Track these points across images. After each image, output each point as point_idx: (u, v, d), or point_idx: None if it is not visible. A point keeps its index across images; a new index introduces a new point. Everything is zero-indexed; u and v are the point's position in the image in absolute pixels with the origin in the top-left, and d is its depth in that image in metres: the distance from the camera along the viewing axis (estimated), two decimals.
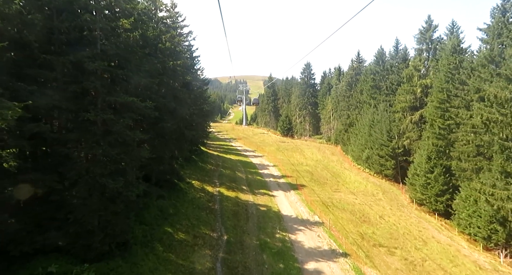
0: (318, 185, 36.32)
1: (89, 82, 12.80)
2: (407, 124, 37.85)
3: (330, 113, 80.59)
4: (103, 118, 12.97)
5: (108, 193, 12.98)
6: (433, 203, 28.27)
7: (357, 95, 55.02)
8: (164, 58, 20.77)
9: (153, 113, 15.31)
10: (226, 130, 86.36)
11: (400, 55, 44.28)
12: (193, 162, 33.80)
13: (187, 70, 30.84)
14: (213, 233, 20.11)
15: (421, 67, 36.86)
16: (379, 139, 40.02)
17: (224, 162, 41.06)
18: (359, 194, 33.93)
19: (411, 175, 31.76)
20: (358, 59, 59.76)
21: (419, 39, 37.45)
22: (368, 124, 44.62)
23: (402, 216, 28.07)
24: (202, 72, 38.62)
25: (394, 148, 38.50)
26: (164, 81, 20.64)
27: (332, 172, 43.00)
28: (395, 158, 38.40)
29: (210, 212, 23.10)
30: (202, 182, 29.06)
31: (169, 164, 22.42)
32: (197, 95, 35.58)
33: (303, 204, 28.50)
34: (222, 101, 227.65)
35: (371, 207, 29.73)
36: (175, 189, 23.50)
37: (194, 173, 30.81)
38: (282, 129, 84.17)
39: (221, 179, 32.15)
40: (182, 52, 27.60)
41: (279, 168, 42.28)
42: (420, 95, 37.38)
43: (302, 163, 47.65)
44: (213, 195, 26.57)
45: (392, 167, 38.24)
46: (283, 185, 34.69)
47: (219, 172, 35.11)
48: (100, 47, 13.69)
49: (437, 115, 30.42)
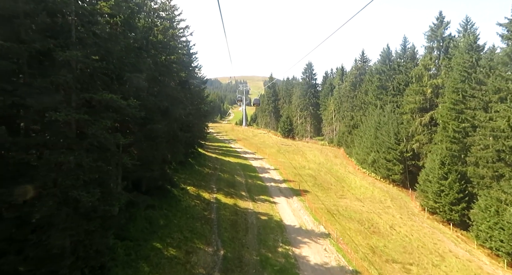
0: (322, 191, 34.22)
1: (59, 76, 10.72)
2: (416, 126, 35.78)
3: (332, 115, 78.55)
4: (76, 119, 10.90)
5: (82, 208, 10.89)
6: (447, 212, 26.17)
7: (362, 95, 52.97)
8: (155, 52, 18.68)
9: (139, 113, 13.19)
10: (226, 131, 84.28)
11: (408, 54, 42.24)
12: (189, 166, 31.69)
13: (183, 68, 28.83)
14: (208, 247, 17.98)
15: (431, 66, 34.80)
16: (386, 142, 37.95)
17: (223, 165, 38.95)
18: (366, 201, 31.83)
19: (422, 181, 29.67)
20: (362, 58, 57.72)
21: (430, 36, 35.39)
22: (374, 126, 42.57)
23: (414, 226, 25.97)
24: (200, 70, 36.56)
25: (402, 151, 36.43)
26: (155, 77, 18.56)
27: (336, 176, 40.91)
28: (404, 162, 36.32)
29: (206, 222, 20.98)
30: (198, 187, 26.95)
31: (160, 169, 20.32)
32: (194, 94, 33.53)
33: (307, 212, 26.39)
34: (222, 102, 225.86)
35: (380, 216, 27.63)
36: (168, 197, 21.39)
37: (190, 177, 28.69)
38: (283, 131, 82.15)
39: (218, 184, 30.03)
40: (177, 48, 25.54)
41: (281, 172, 40.18)
42: (430, 96, 35.33)
43: (304, 166, 45.56)
44: (210, 203, 24.45)
45: (400, 172, 36.16)
46: (285, 190, 32.58)
47: (217, 176, 32.99)
48: (76, 35, 11.62)
49: (450, 117, 28.35)
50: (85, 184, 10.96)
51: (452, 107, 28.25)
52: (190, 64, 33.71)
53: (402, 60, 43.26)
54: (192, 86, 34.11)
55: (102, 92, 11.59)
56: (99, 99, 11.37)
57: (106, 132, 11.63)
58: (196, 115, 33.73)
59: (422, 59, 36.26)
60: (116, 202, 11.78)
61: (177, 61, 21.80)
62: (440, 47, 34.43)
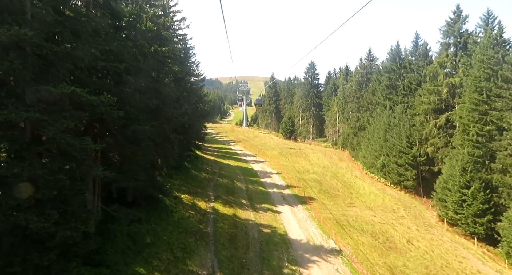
0: (328, 198, 31.60)
1: (5, 63, 8.14)
2: (430, 129, 33.17)
3: (336, 115, 75.97)
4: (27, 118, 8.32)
5: (33, 236, 8.31)
6: (470, 225, 23.54)
7: (368, 96, 50.38)
8: (143, 42, 16.09)
9: (116, 112, 10.61)
10: (226, 132, 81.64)
11: (420, 51, 39.60)
12: (185, 170, 29.06)
13: (179, 63, 26.34)
14: (202, 270, 15.36)
15: (447, 63, 32.19)
16: (397, 145, 35.33)
17: (222, 169, 36.32)
18: (377, 210, 29.20)
19: (440, 189, 27.05)
20: (369, 57, 55.10)
21: (446, 32, 32.79)
22: (383, 128, 39.96)
23: (433, 240, 23.33)
24: (198, 66, 33.99)
25: (415, 155, 33.81)
26: (142, 70, 15.95)
27: (342, 181, 38.27)
28: (417, 167, 33.69)
29: (201, 237, 18.35)
30: (194, 195, 24.32)
31: (149, 176, 17.71)
32: (191, 92, 30.95)
33: (314, 223, 23.77)
34: (222, 102, 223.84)
35: (395, 227, 24.99)
36: (158, 208, 18.77)
37: (185, 183, 26.07)
38: (284, 132, 79.49)
39: (216, 191, 27.41)
40: (172, 39, 22.99)
41: (283, 176, 37.55)
42: (446, 95, 32.72)
43: (308, 170, 42.91)
44: (206, 213, 21.82)
45: (413, 178, 33.53)
46: (289, 197, 29.95)
47: (215, 181, 30.36)
48: (31, 11, 9.05)
49: (472, 119, 25.74)
50: (37, 204, 8.37)
51: (474, 108, 25.64)
52: (187, 59, 31.17)
53: (414, 58, 40.66)
54: (189, 84, 31.59)
55: (64, 85, 9.00)
56: (59, 93, 8.77)
57: (70, 136, 9.03)
58: (193, 115, 31.13)
59: (437, 57, 33.66)
60: (81, 225, 9.17)
61: (170, 53, 19.19)
62: (458, 43, 31.81)
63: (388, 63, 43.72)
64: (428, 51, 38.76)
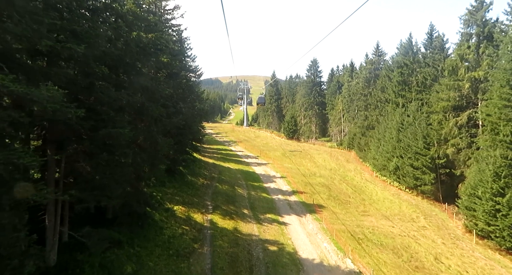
0: (339, 205, 28.60)
1: None
2: (450, 128, 30.11)
3: (340, 114, 72.97)
4: None
5: None
6: (507, 239, 20.51)
7: (377, 93, 47.30)
8: (122, 24, 13.07)
9: (70, 110, 7.63)
10: (226, 132, 78.74)
11: (436, 44, 36.48)
12: (180, 176, 26.07)
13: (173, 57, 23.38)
14: None
15: (469, 56, 29.09)
16: (412, 146, 32.27)
17: (221, 173, 33.34)
18: (395, 219, 26.18)
19: (467, 196, 24.02)
20: (377, 52, 51.95)
21: (467, 21, 29.69)
22: (395, 128, 36.91)
23: (464, 256, 20.31)
24: (194, 60, 30.92)
25: (434, 157, 30.76)
26: (121, 60, 12.95)
27: (352, 186, 35.27)
28: (435, 171, 30.65)
29: (196, 260, 15.35)
30: (189, 206, 21.33)
31: (133, 189, 14.73)
32: (187, 89, 27.94)
33: (326, 237, 20.78)
34: (223, 101, 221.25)
35: (418, 241, 21.99)
36: (145, 226, 15.78)
37: (179, 192, 23.07)
38: (287, 131, 76.51)
39: (215, 200, 24.43)
40: (160, 25, 19.98)
41: (288, 181, 34.57)
42: (468, 91, 29.65)
43: (314, 173, 39.94)
44: (203, 229, 18.83)
45: (431, 182, 30.47)
46: (296, 205, 26.97)
47: (213, 188, 27.38)
48: None
49: (504, 116, 22.69)
50: None
51: (506, 104, 22.58)
52: (182, 53, 28.15)
53: (428, 51, 37.55)
54: (184, 80, 28.58)
55: None
56: None
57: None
58: (189, 115, 28.15)
59: (457, 48, 30.53)
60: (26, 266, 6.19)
61: (159, 41, 16.17)
62: (481, 33, 28.70)
63: (399, 57, 40.60)
64: (444, 43, 35.68)
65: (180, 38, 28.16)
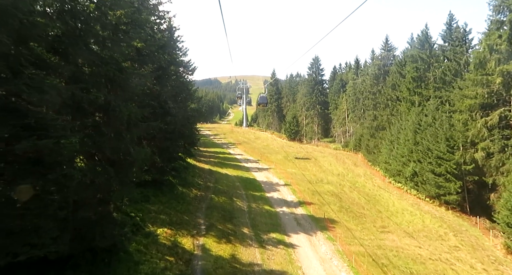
0: (353, 219, 24.88)
1: None
2: (479, 129, 26.40)
3: (345, 114, 69.38)
4: None
5: None
6: None
7: (387, 90, 43.60)
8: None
9: None
10: (224, 133, 75.05)
11: (456, 35, 32.73)
12: (169, 188, 22.27)
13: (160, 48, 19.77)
14: None
15: (501, 46, 25.35)
16: (434, 150, 28.57)
17: (218, 182, 29.58)
18: (420, 236, 22.46)
19: (508, 210, 20.30)
20: (386, 46, 48.19)
21: (497, 6, 25.99)
22: (411, 129, 33.22)
23: None
24: (186, 54, 27.10)
25: (459, 163, 27.05)
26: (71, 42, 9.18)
27: (365, 194, 31.55)
28: (461, 178, 26.95)
29: None
30: (177, 227, 17.52)
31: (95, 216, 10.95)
32: (176, 86, 24.19)
33: (343, 264, 17.07)
34: (222, 101, 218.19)
35: (453, 267, 18.27)
36: (113, 263, 11.99)
37: (166, 209, 19.25)
38: (288, 132, 72.86)
39: (210, 216, 20.65)
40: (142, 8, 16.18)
41: (293, 189, 30.85)
42: (499, 87, 25.95)
43: (321, 179, 36.23)
44: (192, 259, 15.02)
45: (457, 191, 26.75)
46: (304, 220, 23.24)
47: (208, 201, 23.61)
48: None
49: None
50: None
51: None
52: (171, 43, 24.39)
53: (447, 43, 33.82)
54: (174, 76, 24.83)
55: None
56: None
57: None
58: (179, 116, 24.37)
59: (485, 38, 26.76)
60: None
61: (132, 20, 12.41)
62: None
63: (414, 51, 36.89)
64: (466, 34, 31.90)
65: (169, 28, 24.43)
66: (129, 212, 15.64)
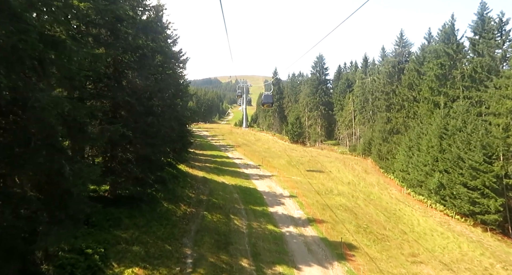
0: (375, 243, 20.53)
1: None
2: None
3: (351, 116, 65.07)
4: None
5: None
6: None
7: (403, 90, 39.31)
8: None
9: None
10: (223, 134, 70.84)
11: (490, 26, 28.39)
12: (150, 206, 17.90)
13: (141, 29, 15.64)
14: None
15: None
16: (467, 159, 24.30)
17: (213, 193, 25.25)
18: (460, 269, 18.13)
19: None
20: (401, 42, 43.85)
21: None
22: (436, 134, 28.95)
23: None
24: (176, 42, 22.73)
25: (499, 175, 22.80)
26: None
27: (383, 209, 27.24)
28: (503, 194, 22.70)
29: None
30: (154, 263, 13.14)
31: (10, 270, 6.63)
32: (162, 80, 19.89)
33: None
34: (221, 101, 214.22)
35: None
36: None
37: (143, 235, 14.86)
38: (291, 134, 68.65)
39: (199, 243, 16.30)
40: None
41: (300, 202, 26.58)
42: None
43: (331, 189, 31.93)
44: None
45: (498, 209, 22.47)
46: (316, 245, 18.92)
47: (199, 221, 19.26)
48: None
49: None
50: None
51: None
52: (159, 29, 20.12)
53: (478, 36, 29.52)
54: (160, 68, 20.50)
55: None
56: None
57: None
58: (166, 116, 20.08)
59: None
60: None
61: None
62: None
63: (438, 45, 32.63)
64: (503, 24, 27.55)
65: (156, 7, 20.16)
66: (83, 248, 11.31)
